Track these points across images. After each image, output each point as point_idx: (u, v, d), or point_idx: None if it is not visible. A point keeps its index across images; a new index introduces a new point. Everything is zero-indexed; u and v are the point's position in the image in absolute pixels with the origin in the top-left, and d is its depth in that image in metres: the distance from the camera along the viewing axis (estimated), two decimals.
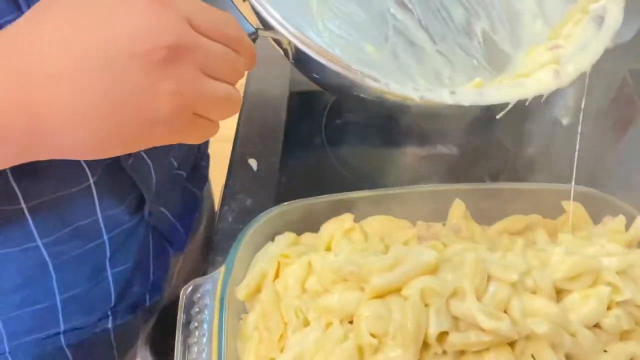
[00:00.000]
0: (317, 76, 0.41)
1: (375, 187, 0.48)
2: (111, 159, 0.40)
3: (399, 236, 0.44)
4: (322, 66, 0.37)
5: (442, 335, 0.35)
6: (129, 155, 0.42)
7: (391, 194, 0.48)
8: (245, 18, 0.36)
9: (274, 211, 0.46)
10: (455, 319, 0.35)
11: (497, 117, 0.38)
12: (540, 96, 0.38)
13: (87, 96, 0.26)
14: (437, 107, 0.39)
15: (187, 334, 0.39)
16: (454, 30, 0.50)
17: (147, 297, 0.51)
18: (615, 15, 0.41)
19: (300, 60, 0.39)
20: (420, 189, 0.48)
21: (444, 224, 0.47)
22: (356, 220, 0.46)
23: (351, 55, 0.46)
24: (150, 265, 0.51)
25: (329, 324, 0.36)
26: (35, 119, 0.26)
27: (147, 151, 0.44)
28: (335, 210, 0.47)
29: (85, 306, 0.46)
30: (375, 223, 0.46)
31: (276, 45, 0.40)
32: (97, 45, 0.25)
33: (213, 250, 0.51)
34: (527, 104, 0.38)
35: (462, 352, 0.36)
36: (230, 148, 0.59)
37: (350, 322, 0.37)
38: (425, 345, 0.35)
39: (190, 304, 0.40)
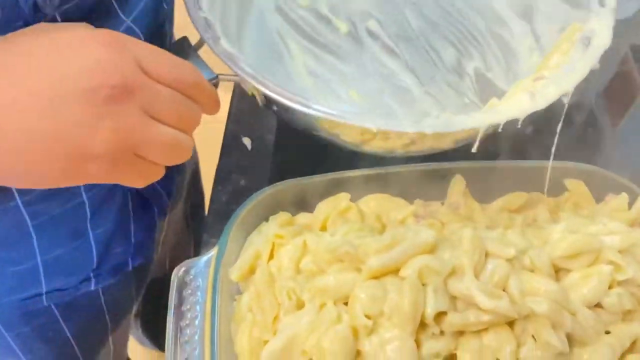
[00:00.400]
0: (285, 117, 0.40)
1: (373, 165, 0.47)
2: None
3: (396, 214, 0.43)
4: (287, 108, 0.36)
5: (440, 316, 0.34)
6: None
7: (389, 172, 0.47)
8: (206, 64, 0.36)
9: (268, 191, 0.45)
10: (453, 298, 0.35)
11: (473, 149, 0.35)
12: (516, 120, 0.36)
13: (26, 125, 0.26)
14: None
15: (179, 316, 0.38)
16: (443, 70, 0.49)
17: (130, 260, 0.52)
18: (603, 37, 0.39)
19: (268, 103, 0.38)
20: (418, 167, 0.47)
21: (442, 203, 0.46)
22: (353, 199, 0.46)
23: (334, 101, 0.47)
24: (131, 227, 0.51)
25: (322, 305, 0.35)
26: None
27: None
28: (332, 190, 0.46)
29: (67, 268, 0.47)
30: (372, 201, 0.45)
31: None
32: (49, 80, 0.27)
33: (206, 231, 0.50)
34: (500, 129, 0.35)
35: (460, 333, 0.35)
36: (223, 128, 0.58)
37: (346, 304, 0.36)
38: (422, 325, 0.34)
39: (182, 285, 0.40)
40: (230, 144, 0.56)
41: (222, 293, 0.39)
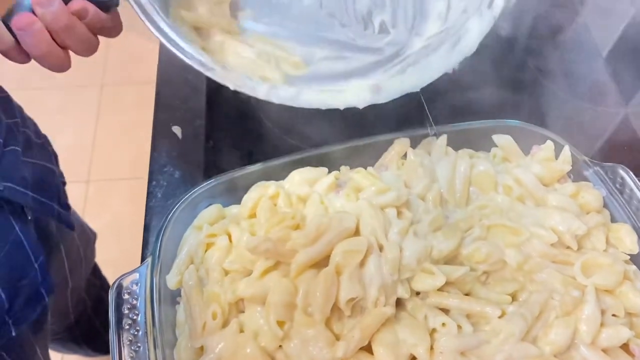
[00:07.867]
0: None
1: (308, 142, 0.48)
2: None
3: (318, 187, 0.46)
4: None
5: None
6: None
7: (323, 153, 0.48)
8: None
9: (199, 190, 0.47)
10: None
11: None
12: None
13: None
14: None
15: (120, 333, 0.41)
16: (352, 16, 0.51)
17: (43, 290, 0.51)
18: (471, 40, 0.43)
19: None
20: (354, 143, 0.49)
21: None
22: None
23: None
24: (28, 249, 0.50)
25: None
26: None
27: None
28: (264, 177, 0.48)
29: None
30: (296, 176, 0.47)
31: None
32: None
33: (147, 231, 0.52)
34: (342, 108, 0.41)
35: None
36: (154, 90, 0.59)
37: None
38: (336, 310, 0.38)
39: (120, 301, 0.42)
40: (160, 135, 0.57)
41: (164, 301, 0.42)
